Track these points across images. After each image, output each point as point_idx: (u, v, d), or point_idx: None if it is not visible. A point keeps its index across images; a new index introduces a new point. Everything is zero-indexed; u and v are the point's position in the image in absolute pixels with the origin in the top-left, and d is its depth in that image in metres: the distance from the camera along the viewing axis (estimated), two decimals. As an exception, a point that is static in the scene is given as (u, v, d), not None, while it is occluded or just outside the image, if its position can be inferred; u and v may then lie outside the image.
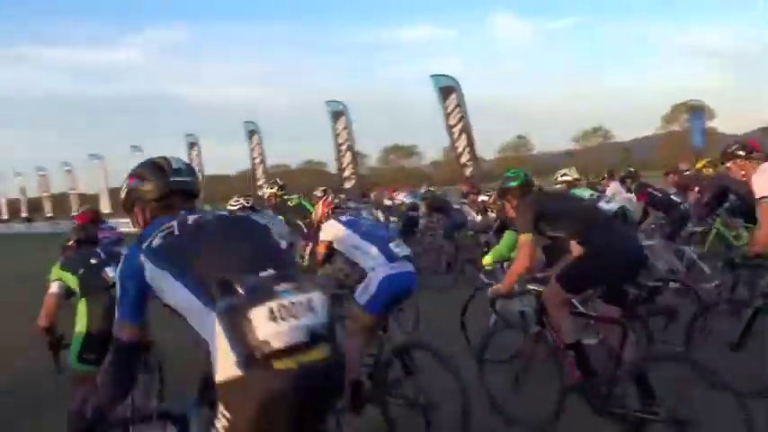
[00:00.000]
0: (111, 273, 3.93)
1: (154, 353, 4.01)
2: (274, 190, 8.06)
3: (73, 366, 3.91)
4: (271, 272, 1.83)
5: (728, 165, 4.27)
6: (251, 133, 28.95)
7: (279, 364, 1.70)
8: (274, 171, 56.00)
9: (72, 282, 4.02)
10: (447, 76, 21.02)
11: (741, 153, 4.21)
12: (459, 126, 20.56)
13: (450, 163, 37.17)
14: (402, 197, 12.87)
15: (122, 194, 2.28)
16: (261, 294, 1.75)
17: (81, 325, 3.89)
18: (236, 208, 6.51)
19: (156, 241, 1.97)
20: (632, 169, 9.64)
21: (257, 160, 28.96)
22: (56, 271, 4.11)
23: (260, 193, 27.16)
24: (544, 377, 3.89)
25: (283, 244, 2.49)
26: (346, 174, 24.31)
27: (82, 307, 3.95)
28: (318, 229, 4.58)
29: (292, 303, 1.76)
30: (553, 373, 3.81)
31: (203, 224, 2.02)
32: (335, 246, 4.29)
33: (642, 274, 4.91)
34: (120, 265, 2.06)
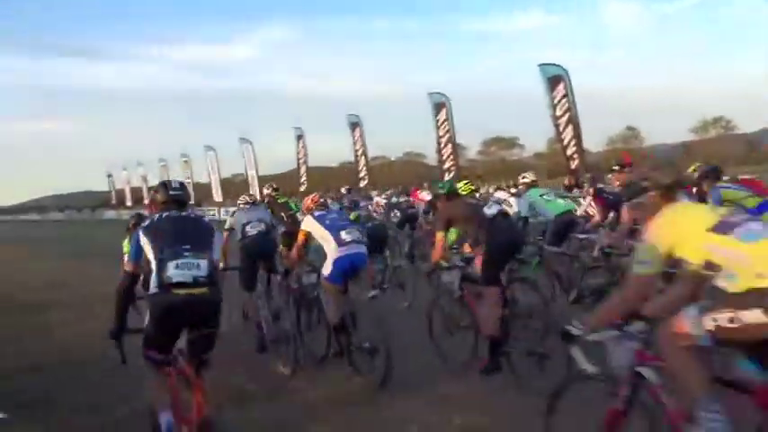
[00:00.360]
0: None
1: None
2: (269, 191, 10.52)
3: None
4: (186, 246, 3.60)
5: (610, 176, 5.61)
6: (354, 125, 29.47)
7: (175, 291, 3.50)
8: (375, 163, 56.76)
9: None
10: (555, 65, 20.36)
11: (615, 168, 5.73)
12: (566, 117, 19.87)
13: (554, 155, 36.02)
14: (425, 195, 14.39)
15: (148, 199, 4.08)
16: (174, 255, 3.55)
17: None
18: (242, 203, 7.77)
19: (147, 223, 3.84)
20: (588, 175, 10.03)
21: (359, 152, 29.44)
22: (125, 245, 6.68)
23: (361, 185, 27.61)
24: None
25: (217, 234, 3.91)
26: (446, 165, 24.19)
27: None
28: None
29: (187, 262, 3.54)
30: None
31: (169, 218, 3.82)
32: (312, 234, 5.70)
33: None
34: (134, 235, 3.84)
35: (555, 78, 20.12)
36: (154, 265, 3.54)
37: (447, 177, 23.25)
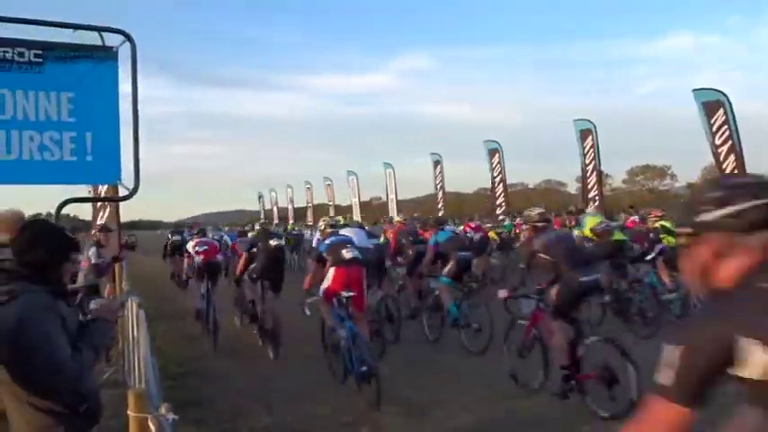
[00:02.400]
0: None
1: None
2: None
3: None
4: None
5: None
6: (492, 152, 29.22)
7: None
8: (513, 190, 55.67)
9: None
10: (713, 89, 18.85)
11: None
12: (727, 146, 18.26)
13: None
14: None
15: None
16: None
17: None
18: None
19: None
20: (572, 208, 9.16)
21: (497, 178, 29.09)
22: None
23: (498, 212, 27.34)
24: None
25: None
26: (591, 194, 23.19)
27: None
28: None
29: None
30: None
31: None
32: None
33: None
34: None
35: (712, 104, 18.61)
36: None
37: (591, 206, 22.28)
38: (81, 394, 2.61)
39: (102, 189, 8.15)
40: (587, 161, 23.28)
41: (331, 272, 6.74)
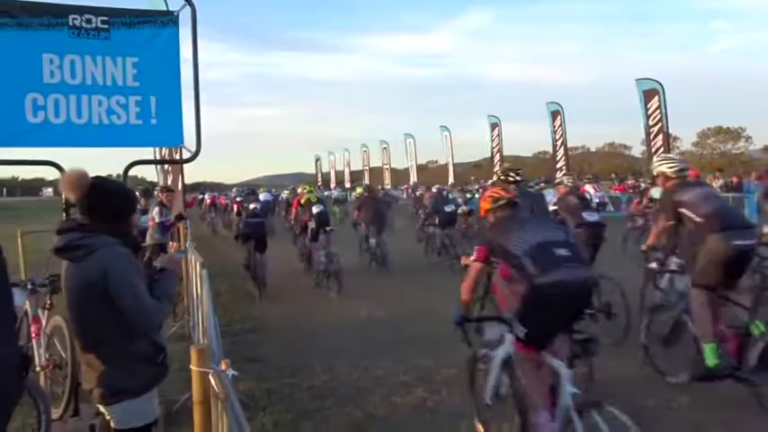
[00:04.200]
0: None
1: None
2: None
3: None
4: None
5: None
6: (554, 114, 28.44)
7: None
8: (574, 153, 54.13)
9: None
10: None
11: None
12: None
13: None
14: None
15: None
16: None
17: None
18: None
19: None
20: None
21: (559, 141, 28.37)
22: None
23: (557, 176, 26.69)
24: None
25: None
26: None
27: None
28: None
29: None
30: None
31: None
32: None
33: None
34: None
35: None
36: None
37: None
38: (158, 345, 2.78)
39: (166, 152, 8.42)
40: (652, 123, 22.36)
41: None
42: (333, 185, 50.42)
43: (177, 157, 6.97)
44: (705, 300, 4.68)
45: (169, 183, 9.49)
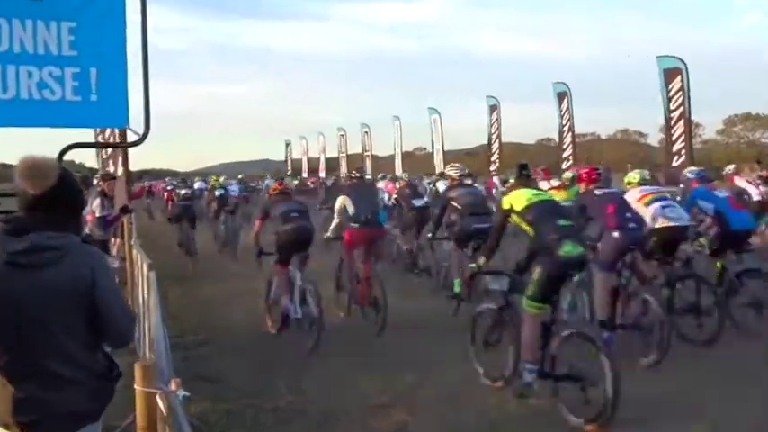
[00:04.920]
0: None
1: None
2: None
3: None
4: None
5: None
6: (560, 96, 28.58)
7: None
8: (582, 141, 54.30)
9: None
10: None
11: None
12: None
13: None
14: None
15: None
16: None
17: None
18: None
19: None
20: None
21: (565, 127, 28.56)
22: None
23: (564, 166, 26.90)
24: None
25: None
26: (676, 147, 22.41)
27: None
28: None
29: None
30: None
31: None
32: None
33: None
34: None
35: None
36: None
37: (676, 161, 21.63)
38: (110, 357, 2.73)
39: (109, 134, 8.33)
40: (673, 107, 22.51)
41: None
42: (305, 174, 50.42)
43: (122, 141, 6.90)
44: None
45: (111, 170, 9.41)
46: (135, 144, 4.93)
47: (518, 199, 5.61)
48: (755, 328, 6.93)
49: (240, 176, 33.14)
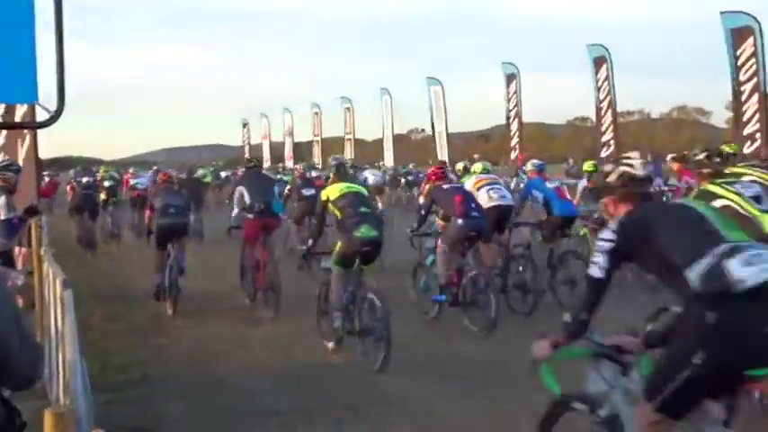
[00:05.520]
0: None
1: None
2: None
3: None
4: None
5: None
6: (597, 62, 28.44)
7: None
8: (626, 121, 54.25)
9: None
10: None
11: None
12: None
13: None
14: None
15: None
16: None
17: None
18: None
19: None
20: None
21: (604, 102, 28.43)
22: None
23: (603, 153, 26.92)
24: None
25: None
26: (748, 130, 22.36)
27: None
28: None
29: None
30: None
31: None
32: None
33: None
34: None
35: None
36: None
37: (749, 146, 21.52)
38: (10, 403, 2.71)
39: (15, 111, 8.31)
40: (743, 77, 22.39)
41: None
42: (267, 164, 50.07)
43: (28, 120, 6.89)
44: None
45: (20, 157, 9.36)
46: (46, 124, 4.88)
47: (333, 191, 8.73)
48: (570, 303, 8.69)
49: (155, 167, 37.17)
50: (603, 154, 27.14)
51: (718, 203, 5.59)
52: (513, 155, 31.91)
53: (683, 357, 3.50)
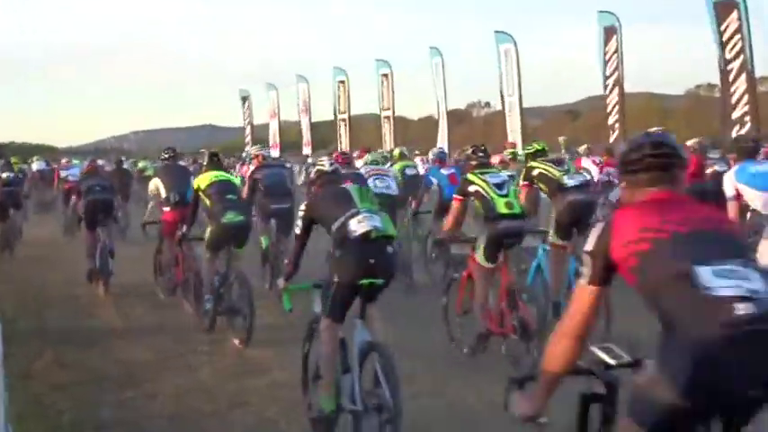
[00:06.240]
0: None
1: None
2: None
3: None
4: None
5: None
6: (607, 32, 26.72)
7: None
8: (636, 102, 52.46)
9: None
10: None
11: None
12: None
13: None
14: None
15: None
16: None
17: None
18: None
19: None
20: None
21: (611, 79, 27.08)
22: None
23: (611, 139, 25.83)
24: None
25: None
26: (738, 113, 21.67)
27: None
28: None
29: None
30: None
31: None
32: None
33: None
34: None
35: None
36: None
37: (737, 130, 21.17)
38: None
39: None
40: (729, 55, 22.05)
41: None
42: (276, 153, 45.21)
43: None
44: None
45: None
46: None
47: (204, 180, 9.67)
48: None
49: (124, 157, 31.92)
50: (612, 137, 25.93)
51: (471, 188, 7.82)
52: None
53: (330, 278, 5.82)
